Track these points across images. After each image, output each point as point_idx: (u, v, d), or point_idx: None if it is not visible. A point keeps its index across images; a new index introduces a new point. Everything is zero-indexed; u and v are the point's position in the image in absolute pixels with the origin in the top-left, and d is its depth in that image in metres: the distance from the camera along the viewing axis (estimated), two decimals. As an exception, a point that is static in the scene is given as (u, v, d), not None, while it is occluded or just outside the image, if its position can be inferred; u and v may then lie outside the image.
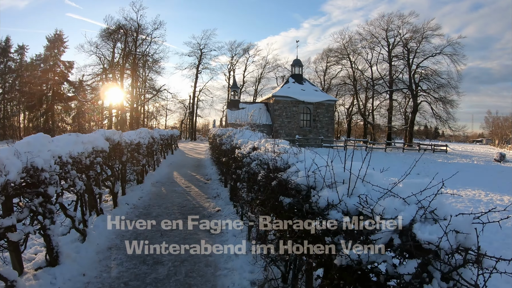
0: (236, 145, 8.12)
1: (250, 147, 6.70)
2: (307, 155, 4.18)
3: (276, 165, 4.40)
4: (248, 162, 5.97)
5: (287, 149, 4.92)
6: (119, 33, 56.56)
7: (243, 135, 8.73)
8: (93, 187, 7.69)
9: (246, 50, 73.40)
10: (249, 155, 6.25)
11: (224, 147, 9.57)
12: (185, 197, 11.50)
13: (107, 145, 8.22)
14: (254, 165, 5.49)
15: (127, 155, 10.57)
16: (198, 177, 16.03)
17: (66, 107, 62.94)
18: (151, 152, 15.46)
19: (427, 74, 58.62)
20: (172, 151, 28.28)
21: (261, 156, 5.37)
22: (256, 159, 5.67)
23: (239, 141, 7.89)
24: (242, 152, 6.82)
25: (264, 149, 5.89)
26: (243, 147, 7.27)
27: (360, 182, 3.01)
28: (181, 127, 74.33)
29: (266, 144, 6.12)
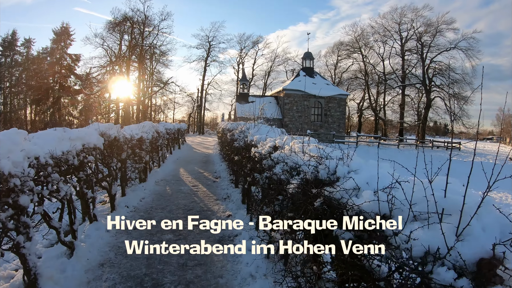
0: (251, 142, 6.96)
1: (270, 146, 5.54)
2: (361, 163, 3.04)
3: (317, 175, 3.21)
4: (270, 165, 4.82)
5: (327, 152, 3.74)
6: (125, 25, 55.45)
7: (259, 130, 7.54)
8: (84, 191, 6.58)
9: (256, 43, 72.13)
10: (270, 156, 5.10)
11: (236, 144, 8.37)
12: (191, 198, 10.38)
13: (101, 141, 7.10)
14: (278, 170, 4.35)
15: (127, 151, 9.45)
16: (206, 174, 14.90)
17: (72, 101, 62.31)
18: (156, 147, 14.33)
19: (441, 69, 57.15)
20: (179, 145, 27.17)
21: (288, 159, 4.24)
22: (280, 162, 4.52)
23: (255, 137, 6.72)
24: (260, 152, 5.66)
25: (288, 149, 4.75)
26: (261, 145, 6.11)
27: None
28: (188, 120, 73.31)
29: (292, 143, 4.97)
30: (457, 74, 55.58)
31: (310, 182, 3.20)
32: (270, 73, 74.04)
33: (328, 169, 3.15)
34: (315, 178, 3.25)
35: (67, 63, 61.13)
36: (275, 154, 4.76)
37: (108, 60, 56.64)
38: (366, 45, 64.55)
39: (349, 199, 2.59)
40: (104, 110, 61.18)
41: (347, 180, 2.86)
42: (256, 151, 5.83)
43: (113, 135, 7.73)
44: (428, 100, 56.48)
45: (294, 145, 4.81)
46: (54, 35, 60.80)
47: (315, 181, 3.21)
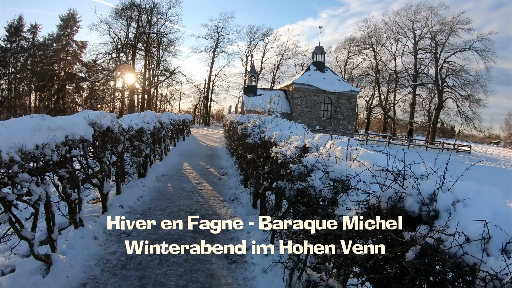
0: (270, 140, 5.80)
1: (298, 146, 4.40)
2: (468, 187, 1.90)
3: (399, 204, 2.04)
4: (302, 173, 3.67)
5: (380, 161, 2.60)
6: (132, 11, 54.10)
7: (279, 125, 6.35)
8: (68, 191, 5.46)
9: (265, 35, 70.86)
10: (300, 159, 3.95)
11: (250, 140, 7.15)
12: (195, 197, 9.25)
13: (91, 132, 5.96)
14: (318, 183, 3.22)
15: (124, 144, 8.32)
16: (212, 170, 13.77)
17: (77, 88, 61.72)
18: (158, 139, 13.18)
19: (454, 70, 55.57)
20: (184, 137, 26.01)
21: (332, 169, 3.11)
22: (317, 170, 3.40)
23: (274, 134, 5.55)
24: (284, 153, 4.51)
25: (325, 152, 3.63)
26: (284, 143, 4.95)
27: None
28: (194, 111, 72.29)
29: (328, 144, 3.84)
30: (471, 75, 54.31)
31: (386, 213, 2.04)
32: (279, 67, 72.94)
33: (421, 195, 1.96)
34: (392, 207, 2.08)
35: (73, 50, 61.26)
36: (310, 159, 3.62)
37: (114, 48, 55.44)
38: (378, 41, 63.36)
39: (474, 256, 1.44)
40: (109, 98, 60.19)
41: (453, 218, 1.72)
42: (279, 152, 4.66)
43: (105, 125, 6.56)
44: (440, 101, 55.13)
45: (334, 147, 3.67)
46: (61, 21, 60.78)
47: (392, 212, 2.04)
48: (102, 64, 55.95)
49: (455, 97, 55.93)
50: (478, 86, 53.86)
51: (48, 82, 58.70)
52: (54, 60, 58.95)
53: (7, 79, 59.18)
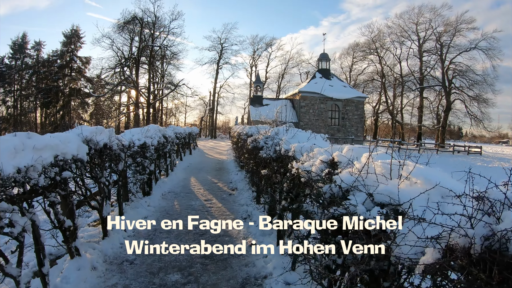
0: (287, 153, 5.12)
1: (324, 160, 3.72)
2: None
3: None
4: (335, 196, 3.00)
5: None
6: (135, 25, 53.94)
7: (295, 136, 5.65)
8: (60, 217, 4.82)
9: (269, 44, 70.78)
10: (330, 177, 3.28)
11: (263, 153, 6.40)
12: (204, 216, 8.56)
13: (85, 150, 5.31)
14: (361, 209, 2.55)
15: (125, 161, 7.67)
16: (220, 185, 13.08)
17: (83, 104, 61.69)
18: (163, 154, 12.53)
19: (461, 70, 54.97)
20: (191, 150, 25.39)
21: (381, 190, 2.46)
22: (355, 191, 2.73)
23: (292, 146, 4.88)
24: (307, 169, 3.84)
25: (361, 167, 2.97)
26: (306, 157, 4.28)
27: None
28: (200, 124, 71.86)
29: (364, 157, 3.19)
30: (478, 75, 53.79)
31: (476, 258, 1.37)
32: (284, 76, 72.77)
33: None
34: (489, 251, 1.41)
35: (77, 65, 61.39)
36: (346, 177, 2.95)
37: (118, 62, 55.26)
38: (382, 46, 63.05)
39: None
40: (114, 113, 60.05)
41: None
42: (301, 168, 3.98)
43: (102, 142, 5.91)
44: (448, 103, 54.55)
45: (373, 162, 3.00)
46: (64, 37, 61.05)
47: (488, 258, 1.37)
48: (106, 79, 55.73)
49: (463, 98, 55.42)
50: (486, 86, 53.47)
51: (53, 98, 58.80)
52: (59, 76, 59.00)
53: (13, 96, 59.33)
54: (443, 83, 55.19)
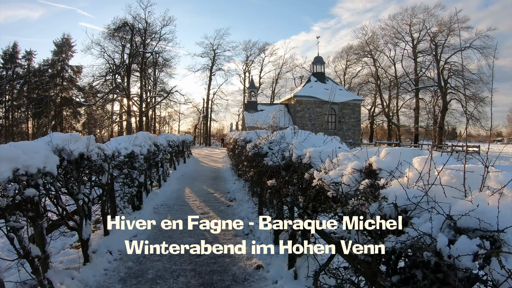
0: (300, 160, 4.19)
1: (357, 169, 2.83)
2: None
3: None
4: (386, 218, 2.10)
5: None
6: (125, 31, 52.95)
7: (308, 139, 4.67)
8: (25, 245, 3.89)
9: (262, 49, 70.18)
10: (376, 192, 2.39)
11: (269, 161, 5.35)
12: (201, 232, 7.59)
13: (55, 161, 4.38)
14: (442, 240, 1.66)
15: (109, 172, 6.72)
16: (217, 195, 12.11)
17: (74, 113, 60.75)
18: (155, 163, 11.55)
19: (456, 70, 54.88)
20: (185, 159, 24.41)
21: (460, 210, 1.57)
22: (424, 210, 1.85)
23: (307, 151, 3.97)
24: (338, 181, 2.94)
25: (416, 177, 2.10)
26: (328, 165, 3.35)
27: None
28: (194, 132, 70.85)
29: (418, 163, 2.32)
30: (474, 74, 53.65)
31: None
32: (278, 81, 72.28)
33: None
34: None
35: (68, 75, 60.73)
36: (399, 191, 2.08)
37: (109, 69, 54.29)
38: (376, 48, 62.67)
39: None
40: (107, 122, 59.06)
41: None
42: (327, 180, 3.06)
43: (77, 151, 4.95)
44: (444, 103, 54.13)
45: (435, 168, 2.12)
46: (55, 46, 60.65)
47: None
48: (97, 87, 54.77)
49: (459, 98, 55.40)
50: (482, 84, 53.37)
51: (44, 108, 57.80)
52: (50, 86, 58.12)
53: (4, 107, 58.65)
54: (439, 83, 54.97)
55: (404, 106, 62.13)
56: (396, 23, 59.94)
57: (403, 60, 60.96)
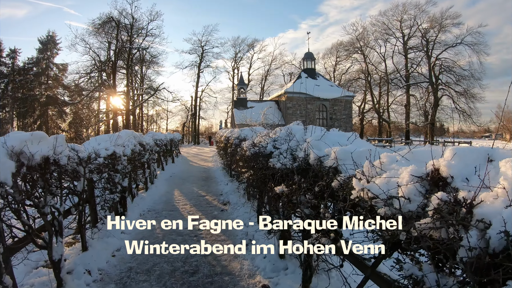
0: (320, 162, 3.28)
1: (415, 176, 1.97)
2: None
3: None
4: None
5: None
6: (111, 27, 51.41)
7: (326, 136, 3.70)
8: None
9: (251, 46, 68.97)
10: (469, 213, 1.53)
11: (275, 162, 4.25)
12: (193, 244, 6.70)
13: (10, 168, 3.44)
14: None
15: (85, 177, 5.76)
16: (209, 198, 11.19)
17: (60, 113, 59.21)
18: (141, 164, 10.57)
19: (448, 66, 54.63)
20: (173, 158, 23.40)
21: None
22: None
23: (333, 151, 3.07)
24: (390, 193, 2.07)
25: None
26: (368, 171, 2.47)
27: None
28: (183, 130, 69.65)
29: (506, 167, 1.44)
30: (465, 70, 53.44)
31: None
32: (267, 77, 71.16)
33: None
34: None
35: (53, 73, 59.28)
36: None
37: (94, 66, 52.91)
38: (366, 44, 62.03)
39: None
40: (93, 121, 57.63)
41: None
42: (376, 192, 2.18)
43: (39, 155, 3.98)
44: (436, 99, 53.80)
45: None
46: (40, 44, 59.08)
47: None
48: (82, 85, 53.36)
49: (450, 94, 55.01)
50: (474, 80, 53.15)
51: (29, 108, 56.07)
52: (35, 84, 56.77)
53: (-12, 107, 56.65)
54: (430, 79, 54.66)
55: (394, 103, 61.80)
56: (387, 19, 59.45)
57: (394, 56, 60.47)
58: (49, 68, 58.07)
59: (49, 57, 58.49)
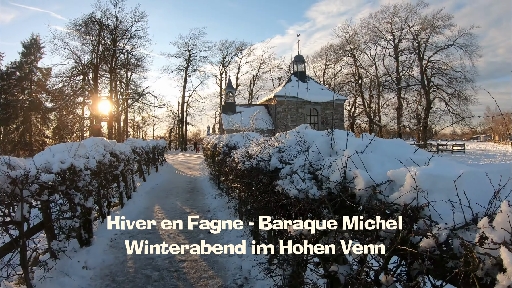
0: (374, 193, 1.90)
1: None
2: None
3: None
4: None
5: None
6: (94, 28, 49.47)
7: (377, 147, 2.31)
8: None
9: (239, 49, 67.85)
10: None
11: (288, 187, 2.84)
12: (173, 283, 5.21)
13: None
14: None
15: (27, 202, 4.27)
16: (195, 216, 9.52)
17: (44, 119, 57.13)
18: (113, 178, 9.09)
19: (440, 68, 54.41)
20: (157, 167, 21.64)
21: None
22: None
23: (408, 177, 1.69)
24: None
25: None
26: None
27: None
28: (169, 136, 68.01)
29: None
30: (457, 72, 53.26)
31: None
32: (256, 81, 70.18)
33: None
34: None
35: (37, 78, 57.14)
36: None
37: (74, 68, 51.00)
38: (357, 47, 61.20)
39: None
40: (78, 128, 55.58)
41: None
42: None
43: None
44: (428, 102, 53.28)
45: None
46: (23, 47, 56.97)
47: None
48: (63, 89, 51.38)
49: (442, 96, 54.83)
50: (466, 82, 53.02)
51: (12, 114, 53.80)
52: (18, 89, 54.89)
53: (-32, 113, 54.37)
54: (422, 81, 54.20)
55: (385, 106, 61.17)
56: (377, 21, 59.15)
57: (385, 59, 60.09)
58: (33, 72, 56.07)
59: (32, 61, 56.43)
